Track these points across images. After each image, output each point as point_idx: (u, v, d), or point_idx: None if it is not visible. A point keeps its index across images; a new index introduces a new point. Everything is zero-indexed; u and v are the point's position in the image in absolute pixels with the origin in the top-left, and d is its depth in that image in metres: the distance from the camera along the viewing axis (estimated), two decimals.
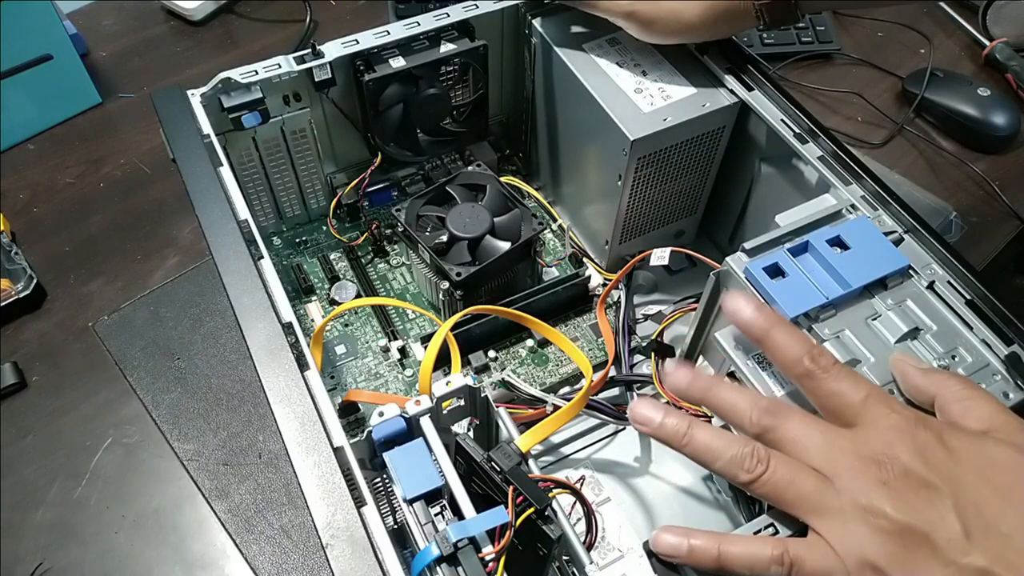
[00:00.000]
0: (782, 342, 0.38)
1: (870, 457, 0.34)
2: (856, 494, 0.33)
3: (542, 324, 0.52)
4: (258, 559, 0.55)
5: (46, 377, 0.64)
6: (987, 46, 0.88)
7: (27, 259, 0.68)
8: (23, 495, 0.58)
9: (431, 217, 0.58)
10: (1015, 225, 0.75)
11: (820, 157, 0.50)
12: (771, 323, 0.38)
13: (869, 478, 0.33)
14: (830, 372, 0.37)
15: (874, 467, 0.34)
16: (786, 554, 0.34)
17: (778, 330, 0.38)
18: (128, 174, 0.77)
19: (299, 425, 0.38)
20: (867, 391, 0.36)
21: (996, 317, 0.42)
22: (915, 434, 0.34)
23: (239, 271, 0.44)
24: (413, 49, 0.58)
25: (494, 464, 0.40)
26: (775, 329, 0.38)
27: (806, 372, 0.37)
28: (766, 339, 0.38)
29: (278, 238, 0.66)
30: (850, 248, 0.44)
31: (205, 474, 0.59)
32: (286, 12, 0.92)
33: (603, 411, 0.52)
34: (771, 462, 0.35)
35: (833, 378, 0.36)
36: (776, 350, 0.38)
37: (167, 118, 0.51)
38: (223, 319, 0.66)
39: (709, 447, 0.37)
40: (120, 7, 0.93)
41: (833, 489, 0.34)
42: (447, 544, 0.35)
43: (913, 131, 0.82)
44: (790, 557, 0.34)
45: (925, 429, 0.34)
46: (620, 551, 0.52)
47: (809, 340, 0.38)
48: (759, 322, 0.38)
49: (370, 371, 0.59)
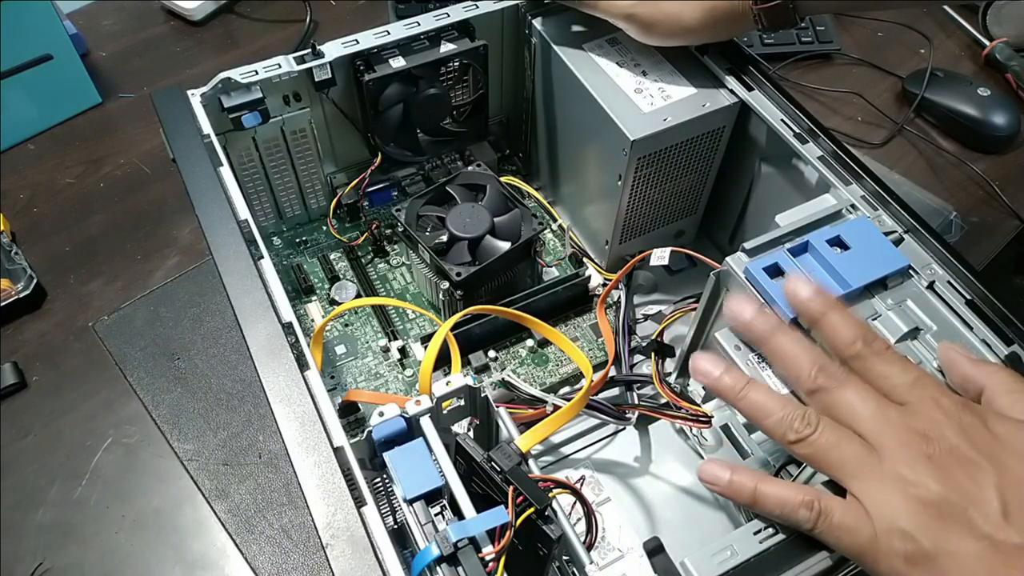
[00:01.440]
0: (837, 324, 0.38)
1: (918, 431, 0.34)
2: (899, 463, 0.34)
3: (542, 324, 0.52)
4: (258, 559, 0.55)
5: (46, 377, 0.64)
6: (987, 46, 0.88)
7: (27, 259, 0.68)
8: (23, 495, 0.58)
9: (431, 217, 0.58)
10: (1015, 225, 0.75)
11: (820, 157, 0.50)
12: (827, 306, 0.39)
13: (914, 450, 0.34)
14: (882, 355, 0.37)
15: (921, 441, 0.34)
16: (817, 502, 0.35)
17: (834, 313, 0.39)
18: (128, 174, 0.77)
19: (299, 425, 0.38)
20: (917, 375, 0.37)
21: (996, 317, 0.42)
22: (962, 417, 0.35)
23: (239, 271, 0.44)
24: (413, 49, 0.58)
25: (494, 464, 0.40)
26: (831, 312, 0.39)
27: (858, 354, 0.37)
28: (821, 321, 0.39)
29: (278, 238, 0.66)
30: (850, 248, 0.44)
31: (205, 474, 0.59)
32: (286, 12, 0.92)
33: (603, 411, 0.52)
34: (819, 425, 0.36)
35: (885, 361, 0.37)
36: (830, 332, 0.39)
37: (167, 118, 0.51)
38: (223, 319, 0.66)
39: (762, 405, 0.38)
40: (120, 7, 0.93)
41: (877, 457, 0.35)
42: (447, 544, 0.35)
43: (913, 131, 0.82)
44: (820, 505, 0.35)
45: (972, 414, 0.35)
46: (620, 551, 0.52)
47: (863, 324, 0.39)
48: (815, 305, 0.39)
49: (370, 371, 0.59)
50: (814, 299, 0.39)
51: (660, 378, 0.53)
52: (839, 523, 0.35)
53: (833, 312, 0.39)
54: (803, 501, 0.35)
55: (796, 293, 0.40)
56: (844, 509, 0.35)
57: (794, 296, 0.40)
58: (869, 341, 0.38)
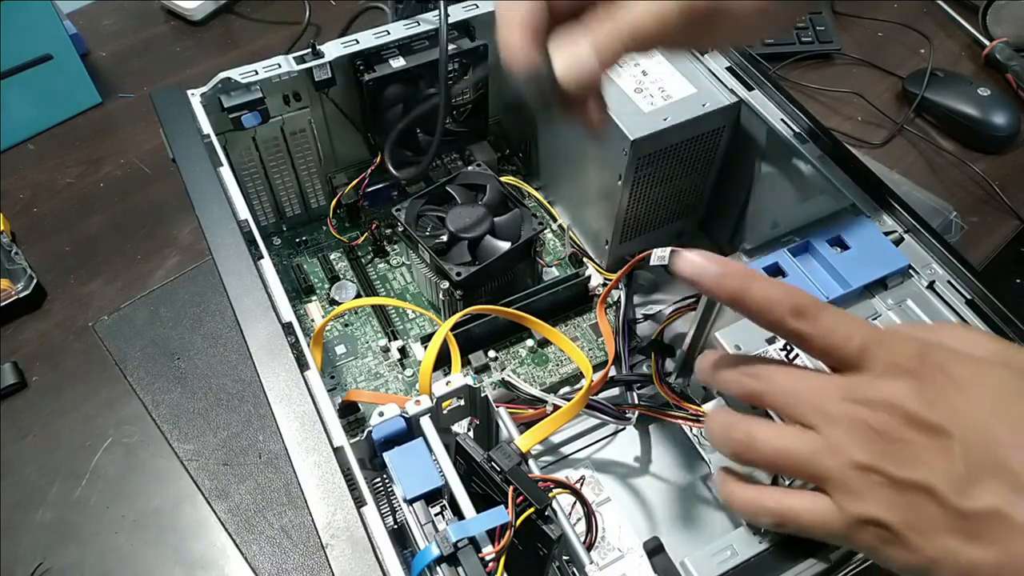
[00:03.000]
0: (761, 299, 0.34)
1: (868, 408, 0.32)
2: (852, 452, 0.32)
3: (542, 324, 0.52)
4: (258, 559, 0.55)
5: (46, 377, 0.64)
6: (987, 46, 0.88)
7: (27, 259, 0.68)
8: (23, 495, 0.58)
9: (431, 217, 0.58)
10: (1015, 225, 0.75)
11: (820, 157, 0.50)
12: (745, 279, 0.34)
13: (864, 433, 0.32)
14: (818, 325, 0.33)
15: (872, 417, 0.32)
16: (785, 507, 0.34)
17: (756, 287, 0.34)
18: (128, 174, 0.77)
19: (299, 425, 0.38)
20: (863, 337, 0.33)
21: (996, 317, 0.42)
22: (920, 372, 0.32)
23: (239, 271, 0.44)
24: (413, 49, 0.58)
25: (494, 464, 0.40)
26: (753, 286, 0.34)
27: (793, 331, 0.34)
28: (743, 299, 0.34)
29: (278, 238, 0.66)
30: (850, 248, 0.44)
31: (205, 474, 0.59)
32: (286, 12, 0.92)
33: (603, 411, 0.51)
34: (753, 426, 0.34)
35: (823, 333, 0.33)
36: (756, 310, 0.34)
37: (167, 118, 0.51)
38: (223, 319, 0.66)
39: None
40: (120, 7, 0.93)
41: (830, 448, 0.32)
42: (447, 544, 0.35)
43: (913, 131, 0.82)
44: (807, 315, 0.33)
45: (929, 366, 0.32)
46: (620, 551, 0.52)
47: (789, 291, 0.34)
48: (731, 281, 0.34)
49: (370, 371, 0.59)
50: (727, 275, 0.34)
51: (660, 378, 0.53)
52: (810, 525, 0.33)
53: (755, 286, 0.34)
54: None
55: (701, 272, 0.35)
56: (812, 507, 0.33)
57: (699, 276, 0.35)
58: (802, 311, 0.33)
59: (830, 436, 0.32)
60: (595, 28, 0.35)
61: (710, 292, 0.35)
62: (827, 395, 0.33)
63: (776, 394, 0.34)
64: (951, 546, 0.30)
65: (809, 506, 0.33)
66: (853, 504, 0.32)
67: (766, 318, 0.34)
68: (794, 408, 0.34)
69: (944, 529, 0.30)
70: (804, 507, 0.33)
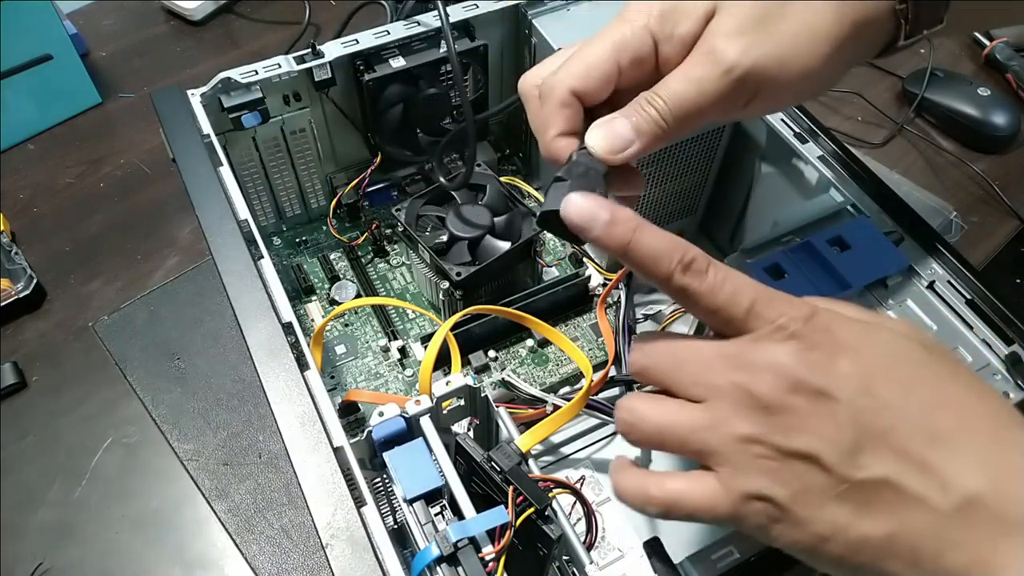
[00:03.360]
0: (648, 250, 0.31)
1: (751, 374, 0.30)
2: (734, 424, 0.30)
3: (542, 324, 0.51)
4: (258, 559, 0.55)
5: (46, 377, 0.64)
6: (987, 46, 0.88)
7: (27, 259, 0.68)
8: (23, 495, 0.58)
9: (431, 217, 0.58)
10: (1015, 225, 0.75)
11: (820, 157, 0.50)
12: (634, 228, 0.31)
13: (748, 402, 0.30)
14: (705, 281, 0.31)
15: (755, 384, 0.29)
16: (688, 275, 0.30)
17: (645, 237, 0.31)
18: (128, 174, 0.77)
19: (299, 425, 0.38)
20: (750, 299, 0.31)
21: (996, 317, 0.42)
22: (805, 334, 0.30)
23: (239, 271, 0.44)
24: (413, 49, 0.58)
25: (494, 464, 0.40)
26: (642, 236, 0.31)
27: (679, 287, 0.31)
28: (630, 250, 0.31)
29: (278, 238, 0.66)
30: (850, 248, 0.44)
31: (205, 474, 0.59)
32: (286, 12, 0.92)
33: (603, 411, 0.51)
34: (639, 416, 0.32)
35: (709, 290, 0.31)
36: (643, 262, 0.31)
37: (167, 118, 0.51)
38: (223, 319, 0.66)
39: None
40: (120, 7, 0.93)
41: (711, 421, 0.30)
42: (447, 544, 0.35)
43: (913, 131, 0.82)
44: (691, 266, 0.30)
45: (816, 328, 0.30)
46: (620, 551, 0.52)
47: (679, 243, 0.31)
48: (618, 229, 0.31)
49: (370, 371, 0.59)
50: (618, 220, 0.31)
51: None
52: (694, 509, 0.31)
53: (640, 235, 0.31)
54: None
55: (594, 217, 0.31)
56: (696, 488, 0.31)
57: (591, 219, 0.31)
58: (687, 266, 0.31)
59: (712, 407, 0.30)
60: (631, 105, 0.35)
61: (598, 241, 0.31)
62: (710, 364, 0.31)
63: (659, 367, 0.32)
64: (840, 519, 0.29)
65: (693, 487, 0.31)
66: (737, 480, 0.30)
67: (653, 272, 0.31)
68: (676, 380, 0.32)
69: (832, 500, 0.29)
70: (687, 489, 0.31)
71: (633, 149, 0.34)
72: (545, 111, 0.36)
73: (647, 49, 0.35)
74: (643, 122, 0.34)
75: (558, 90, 0.36)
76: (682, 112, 0.34)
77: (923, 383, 0.30)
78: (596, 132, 0.35)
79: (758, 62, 0.33)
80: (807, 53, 0.34)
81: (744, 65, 0.33)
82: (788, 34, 0.34)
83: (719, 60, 0.33)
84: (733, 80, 0.33)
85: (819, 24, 0.34)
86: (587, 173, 0.34)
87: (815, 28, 0.34)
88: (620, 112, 0.35)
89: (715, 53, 0.33)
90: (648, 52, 0.35)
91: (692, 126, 0.35)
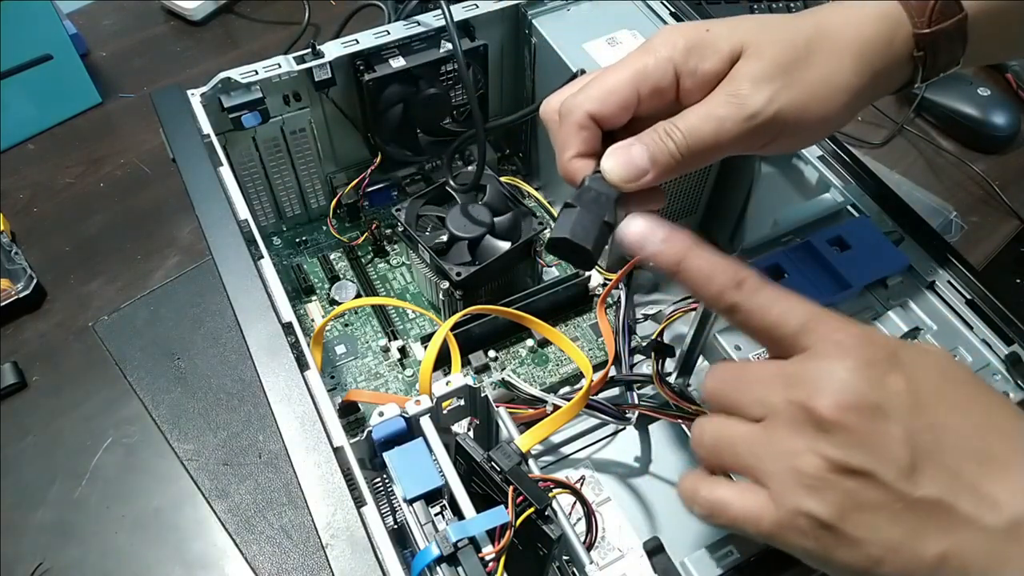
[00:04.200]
0: (702, 269, 0.32)
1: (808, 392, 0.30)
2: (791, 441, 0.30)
3: (542, 324, 0.51)
4: (258, 559, 0.55)
5: (46, 377, 0.64)
6: None
7: (27, 259, 0.68)
8: (23, 495, 0.58)
9: (431, 217, 0.58)
10: (1015, 225, 0.75)
11: (820, 157, 0.51)
12: (685, 248, 0.32)
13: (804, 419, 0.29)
14: (755, 299, 0.31)
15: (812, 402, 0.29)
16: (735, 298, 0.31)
17: (693, 256, 0.32)
18: (128, 174, 0.77)
19: (299, 425, 0.38)
20: (801, 316, 0.31)
21: (996, 317, 0.43)
22: (862, 352, 0.30)
23: (239, 271, 0.44)
24: (413, 49, 0.58)
25: (494, 464, 0.40)
26: (690, 255, 0.32)
27: (730, 306, 0.32)
28: (683, 268, 0.32)
29: (278, 238, 0.66)
30: (850, 248, 0.44)
31: (205, 474, 0.59)
32: (286, 12, 0.92)
33: (603, 411, 0.51)
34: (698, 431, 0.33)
35: (760, 308, 0.31)
36: (695, 280, 0.32)
37: (167, 118, 0.51)
38: (223, 319, 0.66)
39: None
40: (120, 7, 0.93)
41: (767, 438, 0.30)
42: (447, 544, 0.35)
43: (913, 131, 0.82)
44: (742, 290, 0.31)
45: (873, 346, 0.30)
46: (620, 551, 0.52)
47: (731, 264, 0.32)
48: (673, 248, 0.32)
49: (370, 371, 0.59)
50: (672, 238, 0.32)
51: (660, 378, 0.52)
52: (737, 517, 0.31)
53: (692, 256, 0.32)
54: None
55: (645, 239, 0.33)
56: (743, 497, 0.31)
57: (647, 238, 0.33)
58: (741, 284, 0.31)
59: (769, 425, 0.31)
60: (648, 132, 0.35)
61: (652, 258, 0.32)
62: (769, 383, 0.31)
63: (724, 390, 0.33)
64: (894, 538, 0.28)
65: (742, 496, 0.31)
66: (787, 495, 0.29)
67: (705, 290, 0.32)
68: (738, 401, 0.32)
69: (886, 519, 0.28)
70: (735, 497, 0.31)
71: (647, 179, 0.35)
72: (563, 132, 0.37)
73: (668, 80, 0.36)
74: (659, 153, 0.35)
75: (576, 112, 0.36)
76: (699, 148, 0.35)
77: (974, 404, 0.30)
78: (611, 159, 0.35)
79: (781, 110, 0.34)
80: (828, 100, 0.35)
81: (768, 113, 0.34)
82: (812, 83, 0.35)
83: (743, 104, 0.34)
84: (755, 125, 0.34)
85: (841, 74, 0.35)
86: (598, 199, 0.35)
87: (837, 78, 0.35)
88: (638, 138, 0.35)
89: (740, 97, 0.34)
90: (669, 84, 0.36)
91: (706, 160, 0.36)
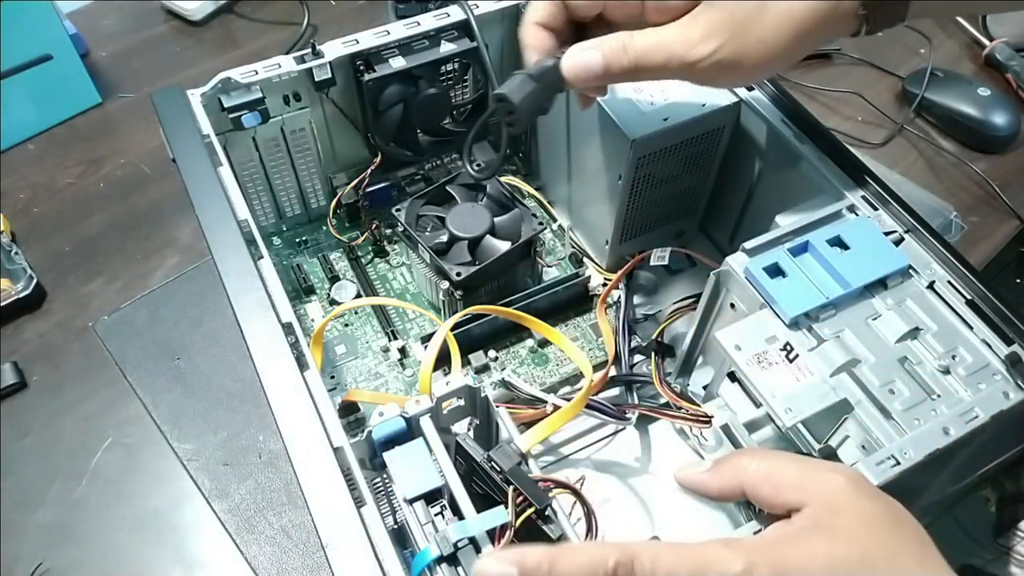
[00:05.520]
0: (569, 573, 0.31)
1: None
2: None
3: (542, 324, 0.52)
4: (258, 559, 0.55)
5: (46, 377, 0.64)
6: (987, 46, 0.88)
7: (27, 259, 0.68)
8: (23, 495, 0.58)
9: (431, 217, 0.58)
10: (1015, 225, 0.75)
11: (820, 157, 0.50)
12: (547, 561, 0.31)
13: None
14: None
15: None
16: None
17: (558, 561, 0.31)
18: (128, 174, 0.77)
19: (299, 425, 0.38)
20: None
21: (996, 317, 0.42)
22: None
23: (239, 271, 0.44)
24: (413, 49, 0.58)
25: (494, 464, 0.40)
26: (555, 562, 0.31)
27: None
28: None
29: (278, 238, 0.66)
30: (850, 248, 0.44)
31: (205, 474, 0.59)
32: (286, 12, 0.92)
33: (603, 411, 0.51)
34: None
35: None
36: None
37: (167, 118, 0.51)
38: (223, 319, 0.66)
39: None
40: (120, 7, 0.93)
41: None
42: (447, 544, 0.35)
43: (913, 131, 0.82)
44: None
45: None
46: None
47: (597, 554, 0.31)
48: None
49: (370, 371, 0.59)
50: (531, 567, 0.31)
51: (660, 378, 0.53)
52: None
53: (558, 558, 0.31)
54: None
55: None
56: None
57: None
58: (613, 571, 0.30)
59: None
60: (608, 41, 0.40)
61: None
62: None
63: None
64: None
65: None
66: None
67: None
68: None
69: None
70: None
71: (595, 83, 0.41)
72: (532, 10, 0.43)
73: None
74: (614, 64, 0.40)
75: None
76: (647, 68, 0.40)
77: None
78: (571, 59, 0.41)
79: (722, 60, 0.38)
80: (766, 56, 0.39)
81: (709, 62, 0.39)
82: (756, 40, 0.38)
83: (690, 50, 0.39)
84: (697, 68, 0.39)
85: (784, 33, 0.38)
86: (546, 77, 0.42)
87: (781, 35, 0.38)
88: (599, 46, 0.40)
89: (691, 42, 0.39)
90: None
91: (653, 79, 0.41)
